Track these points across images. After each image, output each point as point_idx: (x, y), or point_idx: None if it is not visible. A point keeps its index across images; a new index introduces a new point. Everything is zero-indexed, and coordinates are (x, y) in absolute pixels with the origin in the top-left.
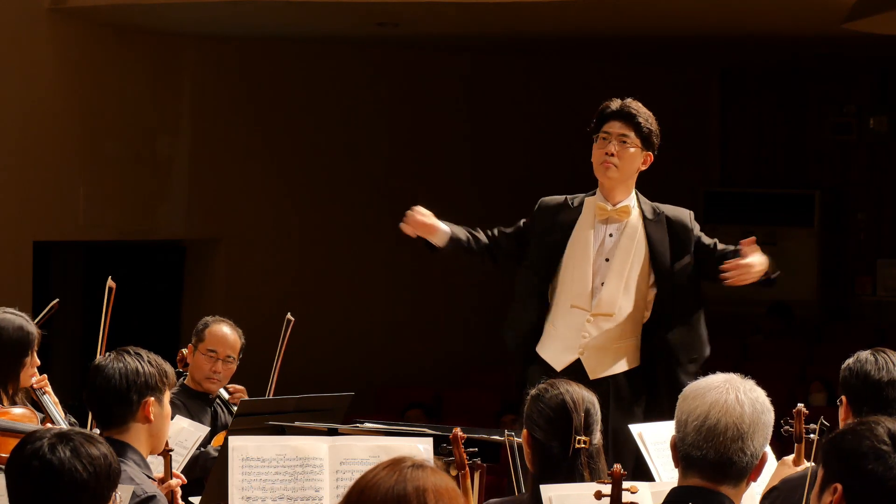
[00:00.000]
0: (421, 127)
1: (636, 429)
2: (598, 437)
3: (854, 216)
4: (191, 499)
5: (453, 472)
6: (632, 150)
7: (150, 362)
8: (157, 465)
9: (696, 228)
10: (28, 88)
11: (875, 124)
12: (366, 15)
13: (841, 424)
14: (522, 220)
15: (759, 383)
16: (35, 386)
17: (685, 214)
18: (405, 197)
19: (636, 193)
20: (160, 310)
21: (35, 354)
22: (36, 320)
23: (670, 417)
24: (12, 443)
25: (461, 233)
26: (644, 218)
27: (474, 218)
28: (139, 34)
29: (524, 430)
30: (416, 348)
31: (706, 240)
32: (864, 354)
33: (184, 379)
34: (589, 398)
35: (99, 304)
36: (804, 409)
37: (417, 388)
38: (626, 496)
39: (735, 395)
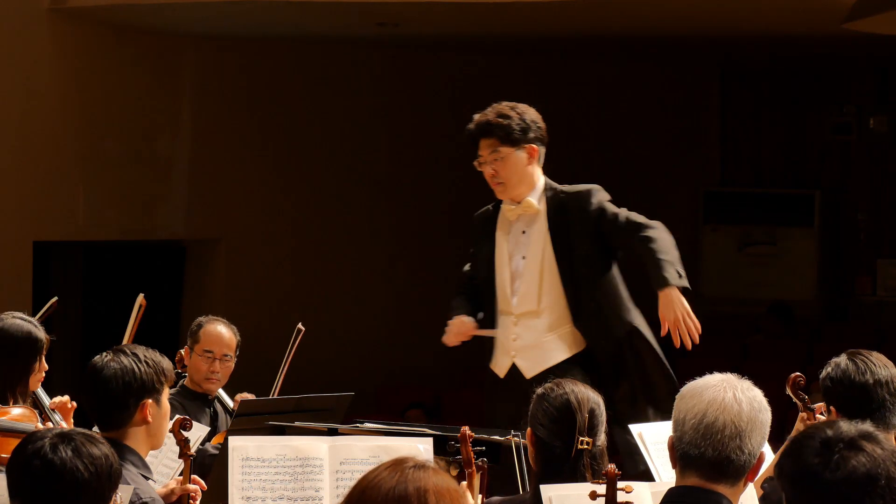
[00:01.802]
0: (421, 127)
1: (636, 429)
2: (601, 439)
3: (854, 216)
4: None
5: (453, 472)
6: (506, 157)
7: (146, 362)
8: (156, 464)
9: (597, 204)
10: (28, 88)
11: (875, 124)
12: (366, 15)
13: None
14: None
15: (759, 383)
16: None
17: (583, 194)
18: (405, 197)
19: (544, 183)
20: (160, 310)
21: (43, 359)
22: (36, 317)
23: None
24: (13, 443)
25: (471, 306)
26: (547, 207)
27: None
28: (139, 34)
29: (528, 429)
30: (416, 348)
31: (610, 213)
32: (842, 361)
33: (183, 380)
34: (594, 399)
35: (99, 304)
36: (801, 380)
37: (417, 388)
38: (621, 496)
39: (733, 394)
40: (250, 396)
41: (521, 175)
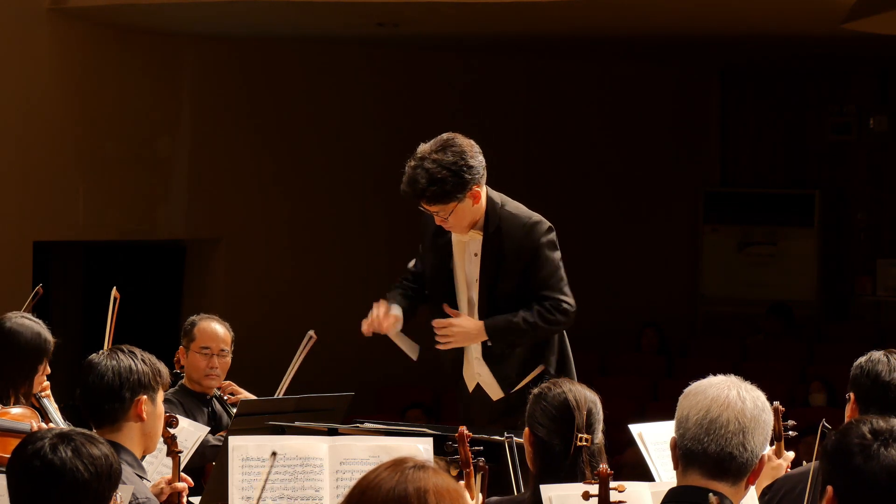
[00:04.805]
0: (420, 127)
1: (636, 429)
2: (599, 437)
3: (854, 216)
4: (191, 499)
5: (454, 472)
6: (453, 210)
7: (143, 361)
8: (156, 464)
9: (532, 245)
10: (28, 88)
11: (875, 124)
12: (366, 15)
13: (846, 420)
14: (420, 249)
15: (759, 383)
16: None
17: (519, 230)
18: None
19: (491, 205)
20: (160, 310)
21: (48, 362)
22: (23, 308)
23: None
24: (13, 443)
25: (406, 303)
26: (485, 231)
27: None
28: (139, 34)
29: (526, 429)
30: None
31: (542, 260)
32: (877, 355)
33: (181, 380)
34: (591, 398)
35: (99, 304)
36: (780, 407)
37: (417, 388)
38: (614, 495)
39: (737, 392)
40: (242, 391)
41: (471, 216)
